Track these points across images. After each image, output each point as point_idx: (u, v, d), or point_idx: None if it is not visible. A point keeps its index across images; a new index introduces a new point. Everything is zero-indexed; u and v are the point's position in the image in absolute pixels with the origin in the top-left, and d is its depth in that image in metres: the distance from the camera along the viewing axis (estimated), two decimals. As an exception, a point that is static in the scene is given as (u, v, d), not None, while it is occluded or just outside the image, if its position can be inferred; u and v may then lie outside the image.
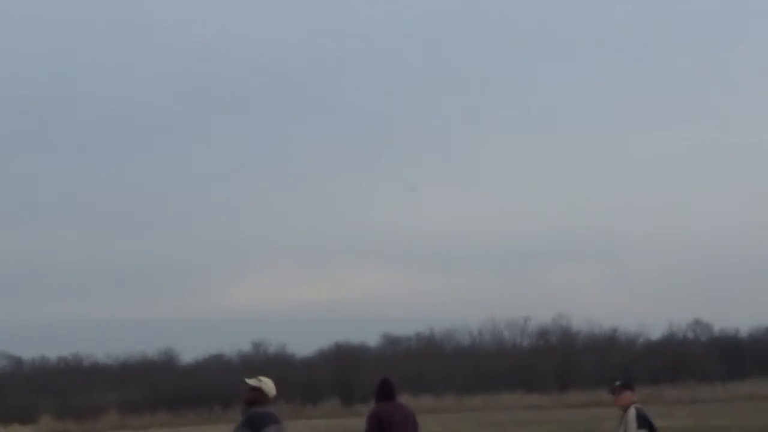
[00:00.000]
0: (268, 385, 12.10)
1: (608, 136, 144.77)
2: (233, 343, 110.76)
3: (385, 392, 14.92)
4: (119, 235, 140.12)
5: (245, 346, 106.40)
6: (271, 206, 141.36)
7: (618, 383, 14.69)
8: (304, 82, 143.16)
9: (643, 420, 13.94)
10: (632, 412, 13.99)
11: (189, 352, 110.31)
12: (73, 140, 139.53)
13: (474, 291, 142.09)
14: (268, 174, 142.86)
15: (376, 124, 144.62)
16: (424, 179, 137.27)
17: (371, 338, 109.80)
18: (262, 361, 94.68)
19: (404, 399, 15.69)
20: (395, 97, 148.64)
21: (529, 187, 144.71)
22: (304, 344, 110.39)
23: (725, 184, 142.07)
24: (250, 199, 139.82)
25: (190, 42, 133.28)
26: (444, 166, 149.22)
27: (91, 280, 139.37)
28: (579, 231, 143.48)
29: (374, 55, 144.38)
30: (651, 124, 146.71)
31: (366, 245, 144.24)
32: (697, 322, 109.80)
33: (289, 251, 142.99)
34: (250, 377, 12.26)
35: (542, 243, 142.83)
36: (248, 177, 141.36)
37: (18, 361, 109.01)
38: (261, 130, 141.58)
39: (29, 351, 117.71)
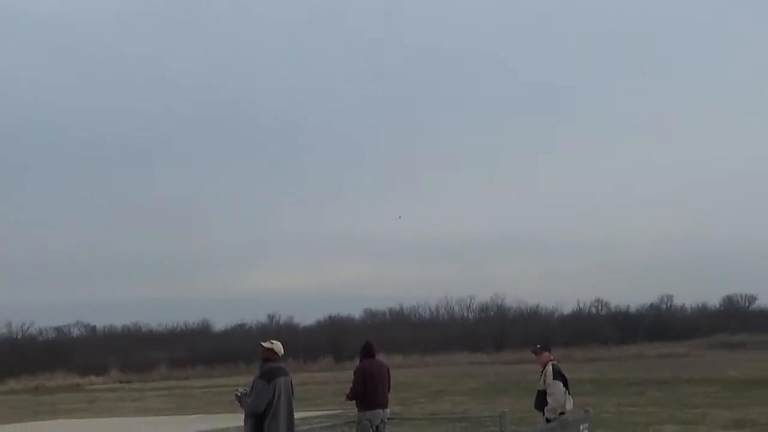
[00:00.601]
0: (278, 346, 12.09)
1: (540, 160, 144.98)
2: (253, 316, 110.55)
3: (368, 351, 14.99)
4: (170, 235, 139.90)
5: (262, 318, 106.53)
6: (282, 214, 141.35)
7: (539, 346, 14.47)
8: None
9: (557, 373, 13.80)
10: (549, 368, 13.87)
11: (220, 322, 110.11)
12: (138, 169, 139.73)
13: (432, 277, 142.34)
14: (282, 192, 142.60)
15: (359, 155, 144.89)
16: (399, 196, 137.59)
17: (356, 312, 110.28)
18: (274, 329, 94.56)
19: (381, 357, 15.85)
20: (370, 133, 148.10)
21: (473, 200, 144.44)
22: (306, 316, 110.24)
23: (627, 198, 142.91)
24: (268, 209, 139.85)
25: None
26: (412, 185, 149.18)
27: (147, 268, 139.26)
28: (511, 232, 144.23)
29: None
30: (568, 151, 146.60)
31: (352, 243, 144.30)
32: (598, 300, 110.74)
33: (296, 247, 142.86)
34: (265, 341, 12.27)
35: (484, 241, 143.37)
36: (267, 194, 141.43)
37: (92, 329, 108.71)
38: (271, 161, 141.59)
39: (101, 320, 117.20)
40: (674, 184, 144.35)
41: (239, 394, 11.95)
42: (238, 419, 12.86)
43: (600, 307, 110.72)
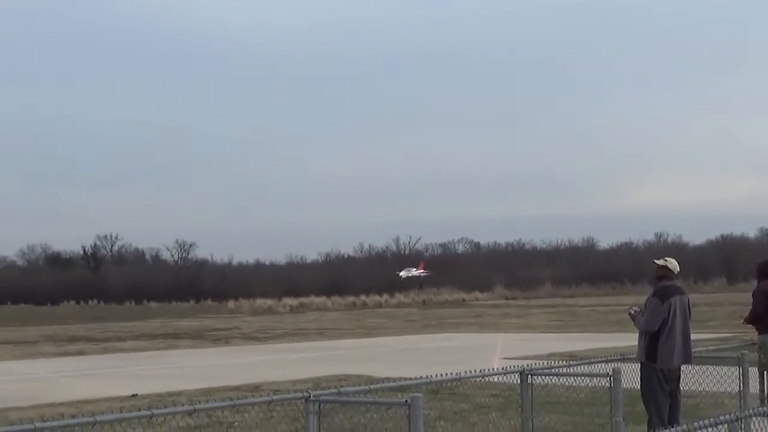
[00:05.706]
0: (672, 263, 11.81)
1: None
2: (639, 234, 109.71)
3: (765, 272, 14.43)
4: (557, 152, 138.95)
5: (649, 236, 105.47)
6: (669, 124, 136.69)
7: None
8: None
9: None
10: None
11: (605, 240, 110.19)
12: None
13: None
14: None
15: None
16: None
17: (750, 231, 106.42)
18: (661, 248, 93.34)
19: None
20: None
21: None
22: (696, 235, 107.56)
23: None
24: (652, 120, 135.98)
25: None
26: None
27: (530, 185, 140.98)
28: None
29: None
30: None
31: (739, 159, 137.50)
32: None
33: (679, 163, 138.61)
34: (658, 258, 12.06)
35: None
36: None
37: (476, 245, 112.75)
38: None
39: (485, 237, 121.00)
40: None
41: (633, 312, 11.94)
42: (626, 338, 12.85)
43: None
